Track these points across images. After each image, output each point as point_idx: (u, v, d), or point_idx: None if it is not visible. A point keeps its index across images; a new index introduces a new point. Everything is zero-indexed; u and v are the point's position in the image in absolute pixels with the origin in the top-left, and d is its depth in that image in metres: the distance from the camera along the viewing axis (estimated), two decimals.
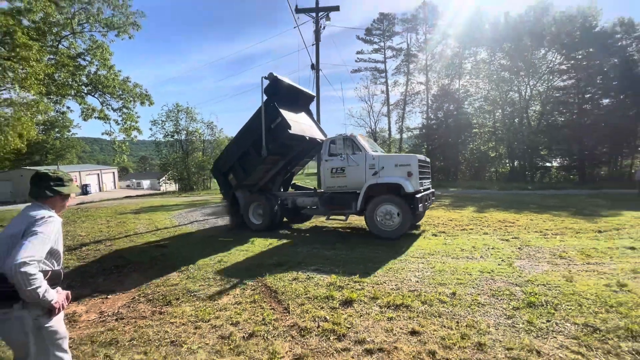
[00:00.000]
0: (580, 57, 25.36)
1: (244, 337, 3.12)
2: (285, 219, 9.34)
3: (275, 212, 8.27)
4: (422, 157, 7.51)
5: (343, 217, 7.89)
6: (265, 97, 7.90)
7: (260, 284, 4.48)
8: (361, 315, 3.48)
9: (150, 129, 37.93)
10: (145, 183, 59.51)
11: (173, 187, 42.92)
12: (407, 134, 37.49)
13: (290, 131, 7.45)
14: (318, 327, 3.25)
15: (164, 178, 42.51)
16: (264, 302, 3.92)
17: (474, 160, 31.44)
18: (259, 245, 6.87)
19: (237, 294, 4.18)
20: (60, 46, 14.57)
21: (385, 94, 37.65)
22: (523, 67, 27.24)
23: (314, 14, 16.65)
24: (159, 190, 48.13)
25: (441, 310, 3.50)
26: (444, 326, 3.19)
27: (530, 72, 27.42)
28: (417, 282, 4.33)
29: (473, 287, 4.06)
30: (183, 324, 3.41)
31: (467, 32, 30.41)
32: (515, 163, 29.93)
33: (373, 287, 4.19)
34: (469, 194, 17.42)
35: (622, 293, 3.72)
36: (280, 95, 8.05)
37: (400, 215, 6.79)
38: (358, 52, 38.66)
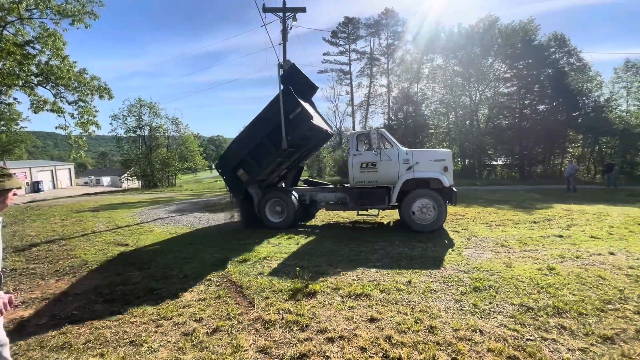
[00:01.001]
0: (521, 67, 27.94)
1: (207, 332, 3.15)
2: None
3: (297, 208, 8.00)
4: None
5: (375, 212, 8.02)
6: (281, 86, 7.56)
7: (225, 280, 4.50)
8: (324, 306, 3.63)
9: (111, 123, 36.03)
10: (106, 180, 56.03)
11: (136, 184, 40.80)
12: None
13: (312, 122, 7.25)
14: (282, 319, 3.35)
15: (125, 175, 40.31)
16: (229, 297, 3.95)
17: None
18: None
19: (202, 291, 4.18)
20: (4, 32, 13.29)
21: (350, 95, 39.04)
22: (473, 74, 29.43)
23: (280, 14, 16.54)
24: (121, 187, 45.53)
25: (398, 298, 3.75)
26: (400, 312, 3.43)
27: (479, 79, 29.74)
28: (377, 272, 4.57)
29: (427, 275, 4.37)
30: (144, 323, 3.37)
31: (425, 40, 32.18)
32: (466, 161, 32.31)
33: (336, 278, 4.37)
34: None
35: (551, 275, 4.19)
36: (296, 84, 7.78)
37: (436, 209, 6.98)
38: (324, 54, 39.78)
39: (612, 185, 17.89)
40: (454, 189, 7.06)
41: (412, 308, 3.49)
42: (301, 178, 10.17)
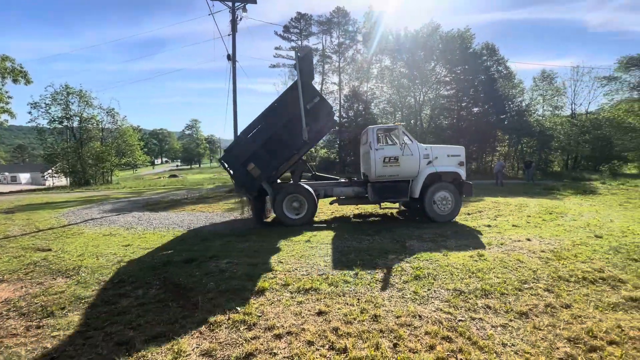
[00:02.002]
0: (458, 72, 30.60)
1: (145, 340, 2.93)
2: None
3: (316, 204, 7.76)
4: None
5: (396, 205, 8.16)
6: (299, 74, 7.17)
7: (167, 282, 4.23)
8: (272, 303, 3.60)
9: (30, 112, 31.30)
10: (24, 177, 49.00)
11: (64, 181, 36.25)
12: None
13: (333, 112, 6.80)
14: (228, 319, 3.25)
15: (50, 171, 35.48)
16: (172, 300, 3.72)
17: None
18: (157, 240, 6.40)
19: (140, 295, 3.87)
20: None
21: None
22: (418, 76, 31.49)
23: (230, 3, 15.88)
24: (44, 185, 40.11)
25: (345, 290, 3.86)
26: (347, 304, 3.54)
27: (423, 81, 31.92)
28: (326, 266, 4.66)
29: (372, 267, 4.57)
30: (69, 336, 3.02)
31: (374, 41, 33.38)
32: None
33: (285, 274, 4.36)
34: None
35: (480, 261, 4.67)
36: (310, 73, 7.32)
37: (453, 201, 7.48)
38: (276, 48, 39.24)
39: (531, 180, 20.45)
40: (470, 182, 7.75)
41: (359, 299, 3.63)
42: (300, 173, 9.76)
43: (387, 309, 3.39)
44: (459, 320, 3.14)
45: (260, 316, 3.31)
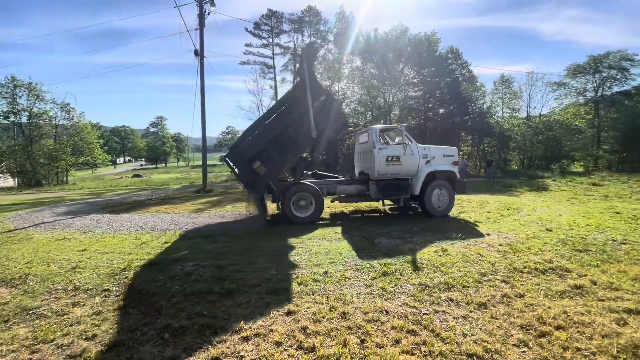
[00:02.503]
0: (426, 74, 31.72)
1: (101, 351, 2.75)
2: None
3: (323, 202, 7.89)
4: None
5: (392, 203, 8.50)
6: (307, 71, 7.16)
7: (128, 288, 4.00)
8: (240, 305, 3.53)
9: None
10: None
11: (10, 182, 33.15)
12: None
13: (341, 109, 6.80)
14: (194, 324, 3.14)
15: None
16: (132, 307, 3.53)
17: (349, 155, 35.40)
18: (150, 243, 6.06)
19: (97, 303, 3.63)
20: None
21: (273, 89, 38.70)
22: (387, 77, 32.28)
23: None
24: None
25: (314, 289, 3.87)
26: (316, 302, 3.55)
27: (392, 82, 32.73)
28: (296, 265, 4.64)
29: (342, 265, 4.62)
30: (13, 351, 2.77)
31: (345, 41, 33.77)
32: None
33: (254, 275, 4.29)
34: None
35: (444, 256, 4.87)
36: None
37: (448, 197, 8.07)
38: (247, 45, 38.67)
39: (491, 178, 21.71)
40: (464, 180, 8.35)
41: (328, 297, 3.65)
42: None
43: (356, 306, 3.44)
44: (424, 314, 3.26)
45: (228, 319, 3.23)
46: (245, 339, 2.88)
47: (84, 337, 2.95)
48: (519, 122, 34.76)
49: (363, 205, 10.11)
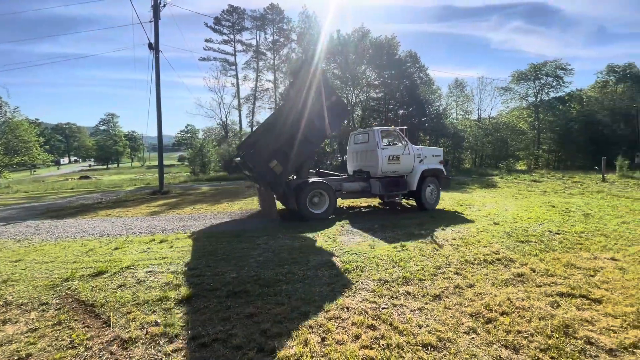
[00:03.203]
0: (386, 76, 32.89)
1: None
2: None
3: (336, 198, 8.35)
4: None
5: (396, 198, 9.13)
6: (319, 69, 7.63)
7: (70, 300, 3.66)
8: (198, 310, 3.38)
9: None
10: None
11: None
12: None
13: (348, 109, 7.01)
14: (146, 334, 2.95)
15: None
16: (75, 320, 3.24)
17: (314, 155, 35.80)
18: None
19: (33, 319, 3.28)
20: None
21: (235, 87, 37.74)
22: (350, 79, 32.89)
23: None
24: None
25: (277, 290, 3.83)
26: (278, 303, 3.50)
27: (354, 83, 33.40)
28: (258, 267, 4.56)
29: (304, 264, 4.62)
30: None
31: (308, 41, 33.89)
32: (344, 157, 36.00)
33: (214, 279, 4.14)
34: None
35: (402, 252, 5.08)
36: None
37: (435, 193, 9.03)
38: (207, 40, 37.37)
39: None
40: (450, 177, 9.38)
41: (290, 297, 3.63)
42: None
43: (318, 304, 3.46)
44: (383, 308, 3.36)
45: (184, 326, 3.08)
46: (203, 346, 2.77)
47: (17, 357, 2.65)
48: (471, 124, 37.28)
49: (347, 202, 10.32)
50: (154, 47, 14.91)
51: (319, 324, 3.06)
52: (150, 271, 4.49)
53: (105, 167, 78.02)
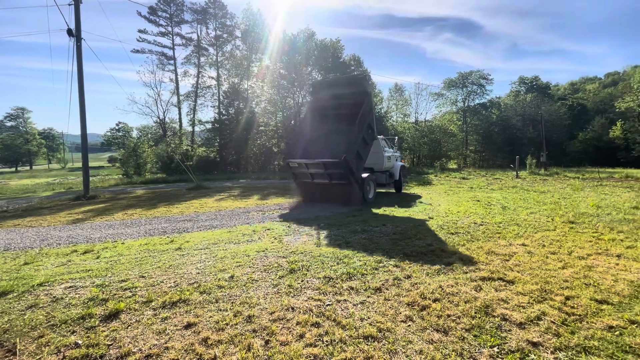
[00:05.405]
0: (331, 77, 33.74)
1: None
2: None
3: (376, 186, 11.37)
4: None
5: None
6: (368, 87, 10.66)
7: None
8: (129, 326, 3.08)
9: None
10: None
11: None
12: (199, 127, 36.81)
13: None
14: (63, 358, 2.60)
15: None
16: None
17: (260, 155, 35.09)
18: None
19: None
20: None
21: (174, 83, 35.28)
22: (296, 79, 33.02)
23: None
24: None
25: (219, 295, 3.66)
26: (220, 310, 3.35)
27: (301, 84, 33.62)
28: (198, 273, 4.32)
29: (249, 267, 4.50)
30: None
31: (253, 39, 33.19)
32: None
33: (147, 290, 3.81)
34: (256, 184, 19.08)
35: (346, 249, 5.24)
36: None
37: (405, 180, 13.97)
38: (140, 31, 34.24)
39: None
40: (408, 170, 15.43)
41: (233, 302, 3.50)
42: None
43: (262, 307, 3.39)
44: (327, 305, 3.42)
45: (111, 344, 2.78)
46: None
47: None
48: (409, 126, 40.05)
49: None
50: (75, 34, 13.23)
51: (263, 327, 3.00)
52: (70, 286, 3.96)
53: (13, 169, 67.06)
